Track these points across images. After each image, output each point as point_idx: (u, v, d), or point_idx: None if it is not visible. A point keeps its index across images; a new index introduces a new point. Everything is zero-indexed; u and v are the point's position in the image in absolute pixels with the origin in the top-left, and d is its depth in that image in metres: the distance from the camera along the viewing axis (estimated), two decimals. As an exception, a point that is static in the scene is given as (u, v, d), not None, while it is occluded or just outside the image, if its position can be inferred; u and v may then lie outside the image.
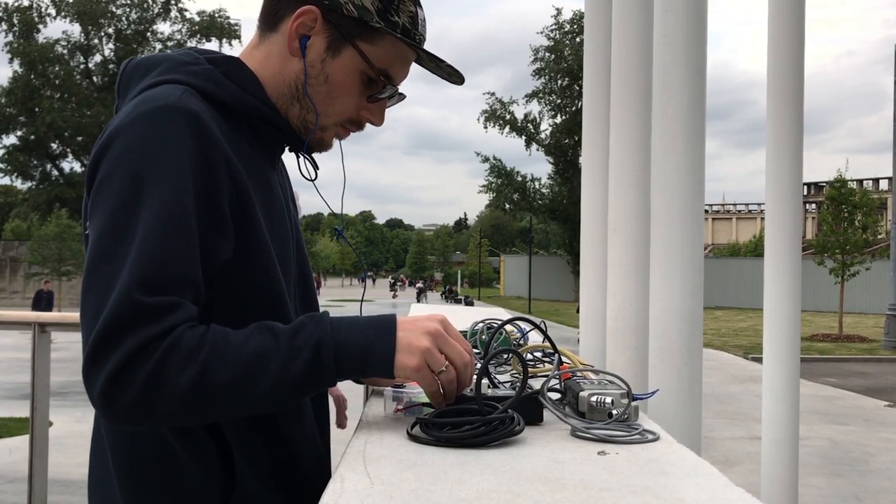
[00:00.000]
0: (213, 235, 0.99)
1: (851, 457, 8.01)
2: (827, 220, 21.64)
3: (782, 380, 3.34)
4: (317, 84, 1.12)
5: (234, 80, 1.11)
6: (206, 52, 1.15)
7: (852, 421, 9.97)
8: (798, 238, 3.36)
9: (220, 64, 1.12)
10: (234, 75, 1.11)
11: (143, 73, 1.10)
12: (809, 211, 61.16)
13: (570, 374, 1.17)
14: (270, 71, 1.14)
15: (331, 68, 1.12)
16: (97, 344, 0.89)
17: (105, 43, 47.42)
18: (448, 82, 1.22)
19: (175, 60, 1.10)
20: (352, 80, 1.13)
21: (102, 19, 46.31)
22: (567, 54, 44.60)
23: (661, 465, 0.86)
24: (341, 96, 1.14)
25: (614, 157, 2.60)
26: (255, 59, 1.15)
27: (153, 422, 0.93)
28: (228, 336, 0.93)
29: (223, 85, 1.09)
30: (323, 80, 1.12)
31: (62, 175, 47.25)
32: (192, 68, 1.09)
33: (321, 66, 1.12)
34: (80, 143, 45.07)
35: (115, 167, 0.96)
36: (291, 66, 1.13)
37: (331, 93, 1.13)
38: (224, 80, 1.10)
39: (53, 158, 47.39)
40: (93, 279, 0.93)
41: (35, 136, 43.67)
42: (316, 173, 1.23)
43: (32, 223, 34.41)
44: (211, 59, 1.13)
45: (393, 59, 1.13)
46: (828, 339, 20.24)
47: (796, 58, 3.25)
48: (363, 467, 0.83)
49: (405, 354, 0.96)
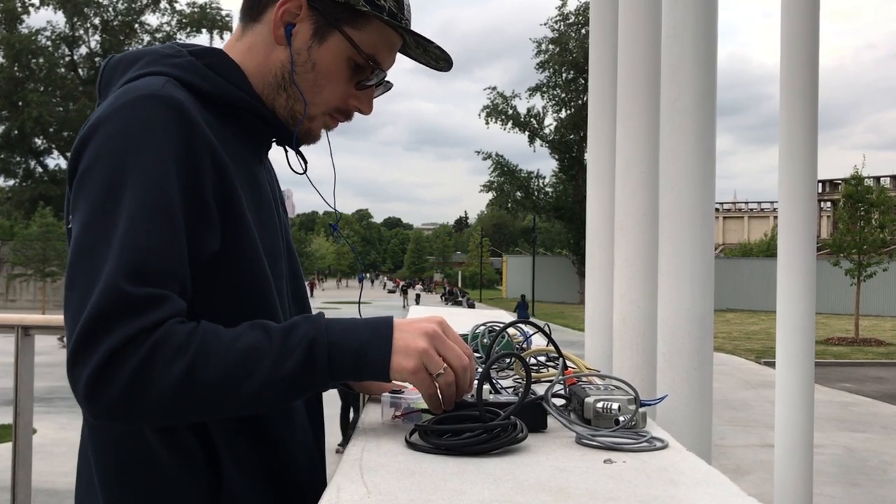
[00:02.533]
0: (198, 226, 0.99)
1: (868, 465, 8.01)
2: (843, 219, 21.66)
3: (796, 385, 3.34)
4: (303, 72, 1.13)
5: (218, 71, 1.12)
6: (188, 46, 1.16)
7: (869, 428, 9.97)
8: (812, 237, 3.36)
9: (202, 56, 1.13)
10: (217, 67, 1.12)
11: (125, 69, 1.10)
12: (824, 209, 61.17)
13: (575, 380, 1.17)
14: (255, 62, 1.15)
15: (318, 55, 1.13)
16: (82, 336, 0.88)
17: (91, 34, 47.47)
18: (436, 69, 1.22)
19: (157, 54, 1.11)
20: (339, 66, 1.14)
21: (88, 9, 46.34)
22: (572, 46, 44.63)
23: (670, 473, 0.86)
24: (329, 84, 1.14)
25: (621, 153, 2.60)
26: (238, 50, 1.16)
27: (139, 419, 0.93)
28: (219, 333, 0.94)
29: (207, 77, 1.10)
30: (310, 67, 1.13)
31: (46, 172, 47.28)
32: (175, 61, 1.09)
33: (307, 53, 1.12)
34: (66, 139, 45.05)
35: (97, 158, 0.97)
36: (277, 55, 1.14)
37: (318, 81, 1.14)
38: (207, 71, 1.10)
39: (37, 155, 47.42)
40: (77, 271, 0.93)
41: (19, 131, 43.69)
42: (305, 166, 1.23)
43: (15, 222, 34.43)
44: (193, 51, 1.14)
45: (380, 45, 1.14)
46: (843, 342, 20.25)
47: (810, 50, 3.26)
48: (360, 476, 0.83)
49: (401, 356, 0.96)
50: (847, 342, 20.25)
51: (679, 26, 2.12)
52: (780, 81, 3.36)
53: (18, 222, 34.45)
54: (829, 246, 22.74)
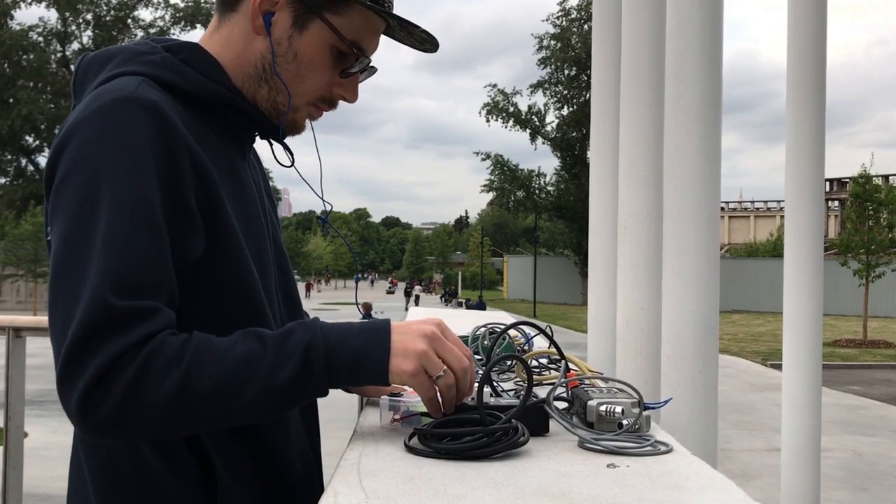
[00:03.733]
0: (182, 232, 0.99)
1: (877, 470, 8.01)
2: (851, 218, 21.67)
3: (803, 388, 3.35)
4: (285, 62, 1.12)
5: (195, 66, 1.10)
6: (162, 41, 1.14)
7: (878, 431, 9.98)
8: (820, 237, 3.36)
9: (178, 51, 1.11)
10: (193, 62, 1.11)
11: (99, 68, 1.09)
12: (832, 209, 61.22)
13: (577, 382, 1.17)
14: (233, 53, 1.13)
15: (299, 44, 1.11)
16: (71, 353, 0.88)
17: (83, 30, 47.45)
18: (422, 51, 1.21)
19: (130, 51, 1.09)
20: (322, 55, 1.12)
21: (80, 5, 46.32)
22: (574, 42, 44.64)
23: (675, 478, 0.86)
24: (312, 73, 1.13)
25: (624, 151, 2.60)
26: (215, 42, 1.15)
27: (134, 435, 0.93)
28: (212, 343, 0.93)
29: (183, 73, 1.08)
30: (291, 57, 1.12)
31: (38, 171, 47.22)
32: (149, 58, 1.08)
33: (288, 42, 1.11)
34: (57, 137, 44.85)
35: (73, 167, 0.96)
36: (256, 46, 1.12)
37: (300, 70, 1.13)
38: (184, 67, 1.09)
39: (29, 153, 47.41)
40: (59, 285, 0.92)
41: (9, 128, 43.67)
42: (292, 159, 1.23)
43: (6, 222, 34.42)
44: (168, 46, 1.12)
45: (363, 30, 1.13)
46: (851, 344, 20.26)
47: (818, 46, 3.26)
48: (358, 481, 0.83)
49: (400, 358, 0.96)
50: (855, 344, 20.25)
51: (684, 21, 2.12)
52: (786, 78, 3.36)
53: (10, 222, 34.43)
54: (836, 246, 22.75)
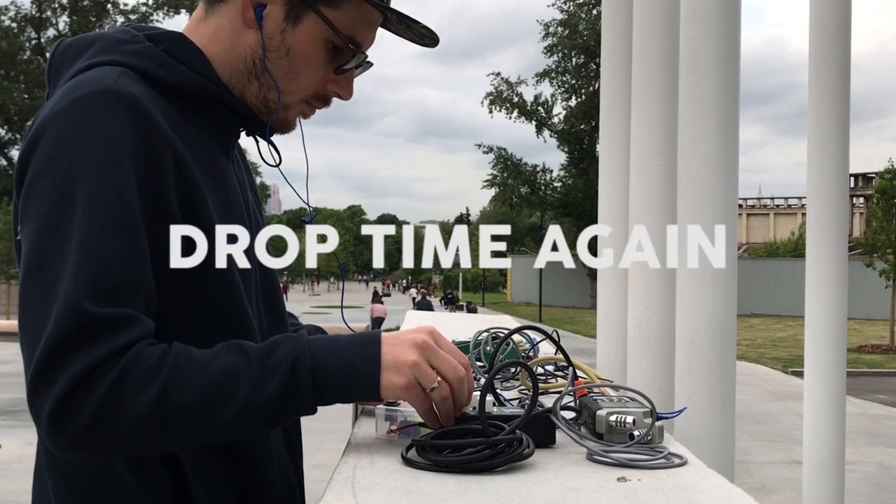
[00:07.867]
0: (161, 234, 0.99)
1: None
2: (876, 216, 21.65)
3: (826, 396, 3.35)
4: (277, 58, 1.12)
5: (179, 58, 1.10)
6: (145, 29, 1.14)
7: (905, 443, 9.97)
8: (843, 236, 3.36)
9: (161, 41, 1.11)
10: (177, 53, 1.10)
11: (76, 56, 1.08)
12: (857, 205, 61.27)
13: (586, 391, 1.18)
14: (220, 46, 1.13)
15: (292, 39, 1.11)
16: (42, 363, 0.87)
17: (59, 15, 47.38)
18: (420, 45, 1.21)
19: (111, 39, 1.09)
20: (316, 50, 1.12)
21: (55, -13, 46.29)
22: (582, 28, 44.63)
23: (690, 493, 0.86)
24: (305, 69, 1.13)
25: (636, 144, 2.60)
26: (201, 33, 1.14)
27: (108, 451, 0.93)
28: (193, 355, 0.93)
29: (166, 64, 1.08)
30: (284, 52, 1.12)
31: (11, 165, 47.20)
32: (130, 47, 1.08)
33: (281, 37, 1.11)
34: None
35: (47, 163, 0.95)
36: (246, 40, 1.12)
37: (293, 66, 1.12)
38: (167, 58, 1.09)
39: (1, 146, 47.40)
40: (31, 289, 0.91)
41: (-20, 120, 43.67)
42: (279, 157, 1.22)
43: (-23, 219, 34.40)
44: (151, 36, 1.12)
45: (359, 24, 1.13)
46: (877, 350, 20.25)
47: (842, 33, 3.26)
48: (352, 496, 0.83)
49: (391, 372, 0.96)
50: (881, 350, 20.25)
51: (699, 6, 2.12)
52: (808, 67, 3.36)
53: (-19, 220, 34.47)
54: (861, 245, 22.73)
